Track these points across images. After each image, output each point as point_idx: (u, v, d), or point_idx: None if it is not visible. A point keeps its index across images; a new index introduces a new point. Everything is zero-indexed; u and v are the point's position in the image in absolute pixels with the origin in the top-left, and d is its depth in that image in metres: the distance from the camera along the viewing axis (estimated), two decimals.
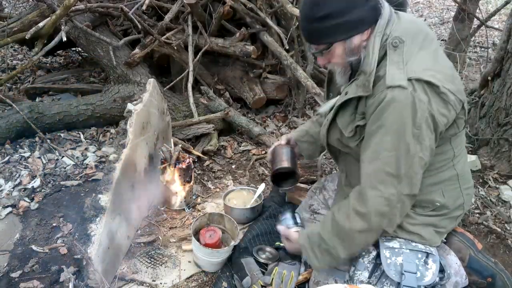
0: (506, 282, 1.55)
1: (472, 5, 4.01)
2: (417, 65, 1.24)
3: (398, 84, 1.21)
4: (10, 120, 2.65)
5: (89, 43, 3.03)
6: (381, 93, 1.24)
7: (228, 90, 3.32)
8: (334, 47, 1.33)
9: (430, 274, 1.37)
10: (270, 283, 1.71)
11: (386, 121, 1.24)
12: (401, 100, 1.21)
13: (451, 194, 1.46)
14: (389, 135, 1.25)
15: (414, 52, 1.27)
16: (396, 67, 1.24)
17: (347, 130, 1.42)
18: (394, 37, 1.28)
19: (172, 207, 2.24)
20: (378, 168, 1.28)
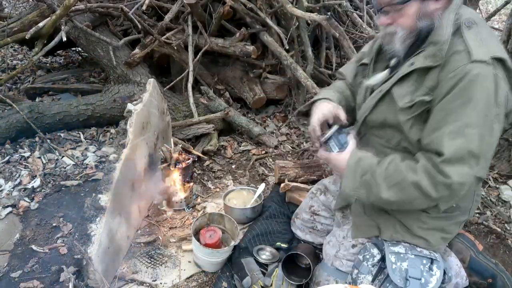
0: (507, 283, 1.55)
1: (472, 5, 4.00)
2: (494, 45, 1.23)
3: (484, 59, 1.17)
4: (10, 120, 2.65)
5: (89, 43, 3.03)
6: (465, 66, 1.19)
7: (228, 90, 3.32)
8: (409, 4, 1.26)
9: (434, 280, 1.35)
10: (270, 285, 1.71)
11: (472, 97, 1.18)
12: (486, 76, 1.17)
13: (466, 197, 1.43)
14: (475, 111, 1.18)
15: (486, 33, 1.26)
16: (477, 43, 1.21)
17: (403, 100, 1.33)
18: (466, 18, 1.26)
19: (172, 207, 2.24)
20: (462, 144, 1.20)
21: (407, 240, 1.41)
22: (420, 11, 1.26)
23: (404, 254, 1.39)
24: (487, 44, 1.22)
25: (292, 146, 2.98)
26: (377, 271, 1.42)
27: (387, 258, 1.39)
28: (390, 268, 1.37)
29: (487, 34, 1.26)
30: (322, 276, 1.58)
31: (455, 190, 1.22)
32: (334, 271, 1.55)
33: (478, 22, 1.27)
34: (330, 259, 1.57)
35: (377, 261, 1.42)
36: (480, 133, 1.19)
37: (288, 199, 2.25)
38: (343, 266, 1.52)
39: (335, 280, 1.54)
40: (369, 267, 1.42)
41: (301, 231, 1.93)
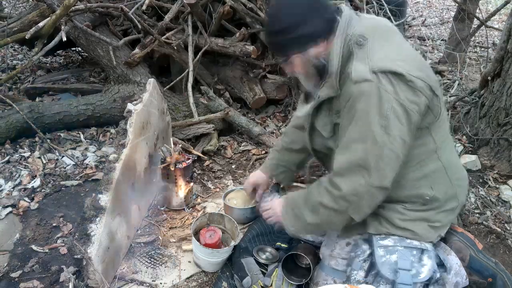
0: (507, 282, 1.55)
1: (472, 5, 4.01)
2: (382, 57, 1.27)
3: (363, 78, 1.25)
4: (10, 120, 2.65)
5: (89, 43, 3.03)
6: (349, 88, 1.29)
7: (228, 90, 3.32)
8: (292, 58, 1.41)
9: (425, 270, 1.37)
10: (270, 285, 1.71)
11: (355, 113, 1.28)
12: (367, 92, 1.25)
13: (440, 186, 1.44)
14: (357, 126, 1.28)
15: (378, 45, 1.31)
16: (361, 63, 1.28)
17: (326, 130, 1.47)
18: (357, 36, 1.32)
19: (172, 207, 2.24)
20: (348, 158, 1.31)
21: (393, 232, 1.43)
22: (303, 60, 1.39)
23: (393, 247, 1.40)
24: (373, 58, 1.27)
25: None
26: (369, 266, 1.43)
27: (376, 251, 1.41)
28: (379, 261, 1.39)
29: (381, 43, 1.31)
30: (321, 276, 1.59)
31: (352, 200, 1.32)
32: (331, 271, 1.56)
33: (370, 34, 1.32)
34: (326, 259, 1.59)
35: (367, 256, 1.44)
36: (363, 146, 1.27)
37: None
38: (339, 265, 1.53)
39: (333, 279, 1.54)
40: (361, 263, 1.43)
41: None
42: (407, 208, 1.43)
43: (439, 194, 1.43)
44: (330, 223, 1.42)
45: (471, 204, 2.37)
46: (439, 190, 1.43)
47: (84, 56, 4.23)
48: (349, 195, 1.31)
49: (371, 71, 1.24)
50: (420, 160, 1.39)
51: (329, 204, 1.36)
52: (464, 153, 2.77)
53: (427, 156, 1.40)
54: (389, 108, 1.23)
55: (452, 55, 4.12)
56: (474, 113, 2.96)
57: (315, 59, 1.38)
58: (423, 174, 1.40)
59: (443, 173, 1.44)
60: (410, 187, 1.40)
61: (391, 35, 1.37)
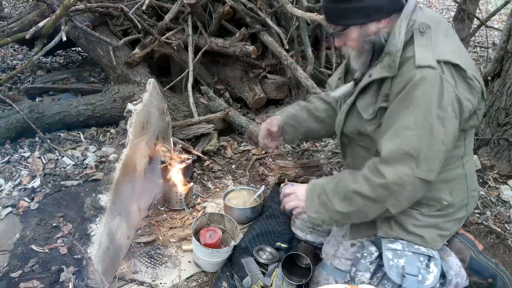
0: (507, 283, 1.55)
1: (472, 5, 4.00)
2: (445, 48, 1.25)
3: (428, 64, 1.21)
4: (10, 120, 2.65)
5: (89, 43, 3.03)
6: (410, 72, 1.23)
7: (228, 90, 3.32)
8: (350, 30, 1.33)
9: (431, 277, 1.36)
10: (270, 285, 1.71)
11: (413, 100, 1.22)
12: (430, 80, 1.20)
13: (458, 193, 1.44)
14: (414, 114, 1.22)
15: (440, 37, 1.28)
16: (425, 49, 1.24)
17: (367, 112, 1.39)
18: (420, 23, 1.28)
19: (172, 207, 2.24)
20: (398, 145, 1.24)
21: (402, 237, 1.42)
22: (362, 33, 1.33)
23: (401, 251, 1.39)
24: (436, 48, 1.24)
25: (292, 146, 2.98)
26: (375, 269, 1.43)
27: (384, 254, 1.40)
28: (387, 264, 1.37)
29: (443, 36, 1.28)
30: (322, 275, 1.59)
31: (394, 190, 1.25)
32: (333, 270, 1.55)
33: (433, 25, 1.29)
34: (329, 258, 1.58)
35: (375, 259, 1.43)
36: (417, 135, 1.22)
37: None
38: (342, 265, 1.52)
39: (334, 279, 1.54)
40: (367, 265, 1.42)
41: (301, 231, 1.93)
42: (422, 214, 1.42)
43: (456, 201, 1.43)
44: (362, 213, 1.34)
45: (474, 206, 2.37)
46: (456, 197, 1.43)
47: (84, 56, 4.23)
48: (392, 184, 1.24)
49: (435, 59, 1.21)
50: (448, 164, 1.37)
51: (368, 193, 1.28)
52: None
53: (454, 161, 1.39)
54: (448, 100, 1.20)
55: None
56: None
57: (374, 35, 1.32)
58: (447, 178, 1.39)
59: (463, 180, 1.44)
60: (432, 189, 1.35)
61: (451, 33, 1.34)
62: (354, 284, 1.43)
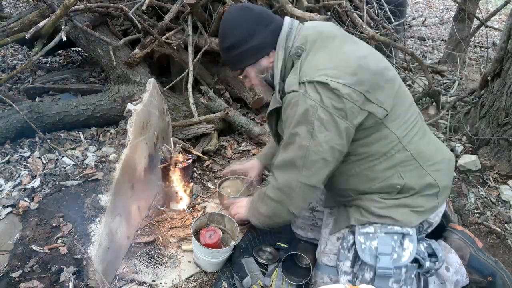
0: (507, 281, 1.56)
1: (472, 5, 4.01)
2: (311, 67, 1.38)
3: (292, 89, 1.37)
4: (10, 120, 2.65)
5: (89, 43, 3.03)
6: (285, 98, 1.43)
7: (228, 90, 3.32)
8: (247, 71, 1.54)
9: (407, 254, 1.39)
10: (270, 285, 1.71)
11: (287, 119, 1.43)
12: (295, 102, 1.37)
13: (411, 174, 1.45)
14: (288, 131, 1.42)
15: (311, 55, 1.40)
16: (293, 75, 1.40)
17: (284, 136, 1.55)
18: (295, 47, 1.42)
19: (172, 207, 2.23)
20: (282, 156, 1.47)
21: (373, 220, 1.45)
22: (257, 71, 1.52)
23: (373, 234, 1.43)
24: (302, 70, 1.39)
25: None
26: (353, 256, 1.46)
27: (357, 239, 1.44)
28: (359, 248, 1.42)
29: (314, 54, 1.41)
30: (317, 275, 1.60)
31: (286, 192, 1.48)
32: (325, 268, 1.57)
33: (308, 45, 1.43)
34: (319, 257, 1.60)
35: (350, 245, 1.46)
36: (292, 148, 1.42)
37: None
38: (331, 260, 1.54)
39: (328, 277, 1.55)
40: (346, 253, 1.45)
41: (302, 229, 1.93)
42: (383, 198, 1.47)
43: (411, 182, 1.45)
44: (276, 214, 1.57)
45: (471, 204, 2.37)
46: (410, 178, 1.45)
47: (84, 56, 4.23)
48: (283, 187, 1.48)
49: (299, 82, 1.36)
50: (386, 152, 1.43)
51: (271, 194, 1.54)
52: (464, 153, 2.78)
53: (391, 147, 1.43)
54: (313, 115, 1.34)
55: (452, 55, 4.13)
56: (474, 113, 2.97)
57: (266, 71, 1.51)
58: (390, 165, 1.44)
59: (412, 161, 1.46)
60: (380, 179, 1.45)
61: (330, 41, 1.43)
62: (338, 275, 1.47)
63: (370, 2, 3.67)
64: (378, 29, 3.51)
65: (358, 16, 3.16)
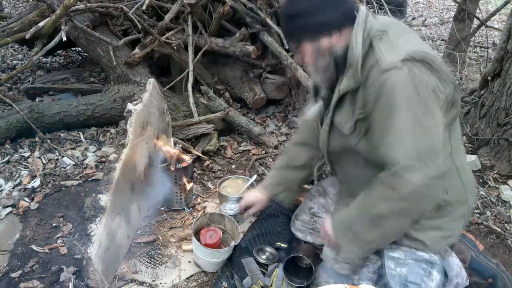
0: (507, 283, 1.55)
1: (472, 5, 4.00)
2: (406, 47, 1.26)
3: (394, 66, 1.22)
4: (10, 120, 2.65)
5: (89, 43, 3.03)
6: (378, 78, 1.24)
7: (228, 90, 3.32)
8: (303, 46, 1.38)
9: (434, 285, 1.36)
10: (270, 285, 1.71)
11: (395, 104, 1.22)
12: (400, 80, 1.21)
13: (454, 190, 1.42)
14: (402, 117, 1.22)
15: (400, 36, 1.30)
16: (387, 52, 1.26)
17: (345, 127, 1.40)
18: (376, 30, 1.31)
19: (172, 207, 2.23)
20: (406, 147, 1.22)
21: (405, 243, 1.40)
22: (315, 49, 1.36)
23: (404, 260, 1.38)
24: (397, 47, 1.26)
25: None
26: (377, 278, 1.42)
27: (386, 264, 1.39)
28: (389, 274, 1.36)
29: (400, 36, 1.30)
30: (322, 277, 1.59)
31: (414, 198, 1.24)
32: (333, 274, 1.55)
33: (388, 28, 1.31)
34: (330, 262, 1.57)
35: (378, 268, 1.41)
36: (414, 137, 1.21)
37: None
38: (343, 269, 1.52)
39: (335, 282, 1.53)
40: (369, 275, 1.41)
41: (301, 232, 1.93)
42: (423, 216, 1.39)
43: (452, 198, 1.41)
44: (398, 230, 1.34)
45: (475, 202, 2.37)
46: (452, 193, 1.41)
47: (84, 56, 4.23)
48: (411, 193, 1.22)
49: (400, 60, 1.22)
50: None
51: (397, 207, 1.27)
52: None
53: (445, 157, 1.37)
54: (425, 93, 1.21)
55: (452, 55, 4.12)
56: (474, 113, 2.97)
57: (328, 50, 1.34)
58: None
59: (456, 176, 1.42)
60: None
61: (409, 32, 1.37)
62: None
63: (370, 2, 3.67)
64: None
65: None
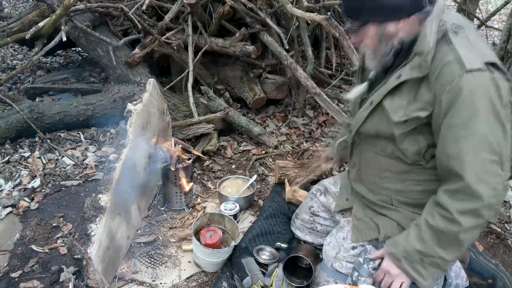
0: (507, 284, 1.56)
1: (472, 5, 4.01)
2: (485, 49, 1.21)
3: (478, 67, 1.15)
4: (10, 120, 2.65)
5: (89, 43, 3.03)
6: (460, 78, 1.16)
7: (228, 90, 3.32)
8: (367, 27, 1.30)
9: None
10: (270, 285, 1.71)
11: (478, 107, 1.15)
12: (485, 84, 1.15)
13: None
14: (485, 120, 1.16)
15: (475, 38, 1.24)
16: (468, 51, 1.18)
17: (397, 114, 1.31)
18: (452, 23, 1.24)
19: (172, 207, 2.24)
20: (482, 158, 1.16)
21: None
22: (379, 32, 1.28)
23: None
24: (477, 49, 1.20)
25: (292, 146, 2.98)
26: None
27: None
28: None
29: (475, 38, 1.24)
30: (322, 276, 1.59)
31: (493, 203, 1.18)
32: (333, 272, 1.54)
33: (465, 26, 1.24)
34: (330, 260, 1.57)
35: (378, 264, 1.41)
36: (498, 141, 1.16)
37: (288, 199, 2.25)
38: (343, 267, 1.51)
39: (335, 281, 1.53)
40: (370, 270, 1.41)
41: (300, 231, 1.93)
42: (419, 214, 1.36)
43: None
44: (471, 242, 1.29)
45: None
46: None
47: (84, 56, 4.23)
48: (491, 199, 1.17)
49: (483, 62, 1.16)
50: None
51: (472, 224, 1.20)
52: None
53: None
54: (507, 99, 1.18)
55: None
56: None
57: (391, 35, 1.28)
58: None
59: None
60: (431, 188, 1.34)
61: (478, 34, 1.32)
62: (348, 283, 1.43)
63: None
64: None
65: None
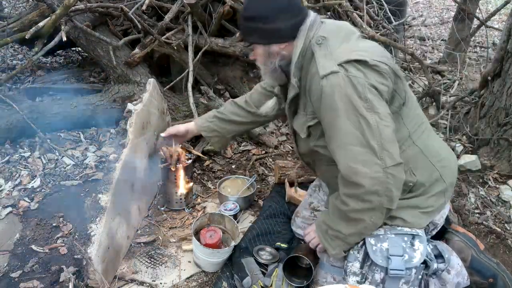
0: (508, 283, 1.56)
1: (472, 5, 4.01)
2: (343, 51, 1.34)
3: (330, 71, 1.29)
4: (10, 120, 2.65)
5: (89, 43, 3.03)
6: (319, 85, 1.32)
7: (228, 90, 3.32)
8: (255, 46, 1.49)
9: (418, 255, 1.38)
10: (270, 285, 1.71)
11: (336, 107, 1.29)
12: (339, 83, 1.28)
13: (422, 170, 1.46)
14: (345, 117, 1.29)
15: (338, 43, 1.37)
16: (325, 59, 1.34)
17: (302, 131, 1.52)
18: (317, 37, 1.39)
19: (172, 207, 2.23)
20: (352, 151, 1.30)
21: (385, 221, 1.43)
22: (265, 52, 1.46)
23: (383, 235, 1.42)
24: (334, 53, 1.34)
25: (292, 146, 2.98)
26: (363, 257, 1.44)
27: (367, 241, 1.42)
28: (370, 250, 1.40)
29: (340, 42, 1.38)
30: (320, 274, 1.60)
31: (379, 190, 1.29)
32: (329, 268, 1.56)
33: (330, 35, 1.39)
34: (324, 256, 1.59)
35: (360, 247, 1.44)
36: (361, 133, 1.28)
37: (288, 199, 2.25)
38: (337, 261, 1.54)
39: (332, 276, 1.54)
40: (356, 255, 1.44)
41: (302, 229, 1.93)
42: None
43: (422, 178, 1.45)
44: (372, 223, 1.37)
45: (471, 204, 2.37)
46: (421, 174, 1.45)
47: (84, 56, 4.23)
48: (373, 187, 1.28)
49: (336, 64, 1.29)
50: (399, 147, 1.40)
51: (361, 206, 1.33)
52: (464, 153, 2.77)
53: (402, 143, 1.43)
54: (365, 90, 1.27)
55: (452, 55, 4.12)
56: (474, 113, 2.96)
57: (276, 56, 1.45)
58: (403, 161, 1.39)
59: (422, 156, 1.46)
60: None
61: (350, 36, 1.43)
62: (347, 275, 1.45)
63: (370, 2, 3.67)
64: (378, 29, 3.51)
65: (358, 16, 3.16)
